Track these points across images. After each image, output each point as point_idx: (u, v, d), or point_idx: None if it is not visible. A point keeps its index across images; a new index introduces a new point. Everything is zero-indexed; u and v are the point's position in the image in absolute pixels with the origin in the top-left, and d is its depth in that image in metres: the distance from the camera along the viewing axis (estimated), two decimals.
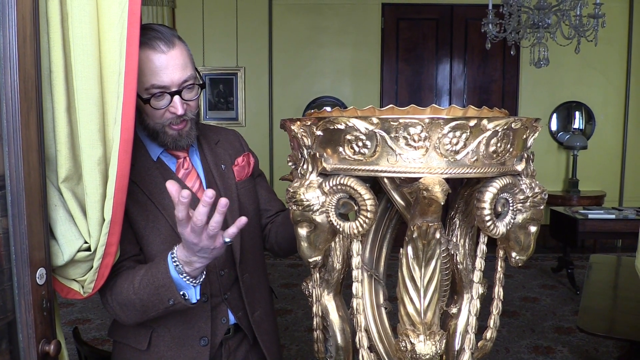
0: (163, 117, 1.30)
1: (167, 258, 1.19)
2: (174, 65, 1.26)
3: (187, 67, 1.29)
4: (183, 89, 1.28)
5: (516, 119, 0.81)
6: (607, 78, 6.19)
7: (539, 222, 0.90)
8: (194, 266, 1.16)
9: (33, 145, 1.00)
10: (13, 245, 0.98)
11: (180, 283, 1.18)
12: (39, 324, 1.03)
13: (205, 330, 1.36)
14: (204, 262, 1.16)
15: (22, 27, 0.96)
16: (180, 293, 1.18)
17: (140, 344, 1.36)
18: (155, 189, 1.34)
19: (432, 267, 0.86)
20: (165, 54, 1.25)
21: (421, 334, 0.86)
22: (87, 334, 3.87)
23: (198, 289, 1.21)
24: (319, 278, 1.10)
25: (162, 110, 1.28)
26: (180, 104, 1.28)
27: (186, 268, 1.17)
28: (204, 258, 1.15)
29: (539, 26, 4.08)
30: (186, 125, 1.33)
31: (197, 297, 1.22)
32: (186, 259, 1.16)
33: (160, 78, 1.25)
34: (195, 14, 5.95)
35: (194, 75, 1.31)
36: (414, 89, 6.23)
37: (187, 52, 1.31)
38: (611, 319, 2.93)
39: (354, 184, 0.83)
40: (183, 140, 1.34)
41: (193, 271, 1.17)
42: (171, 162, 1.40)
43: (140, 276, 1.22)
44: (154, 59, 1.24)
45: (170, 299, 1.19)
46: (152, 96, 1.26)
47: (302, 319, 4.11)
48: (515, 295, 4.62)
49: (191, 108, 1.33)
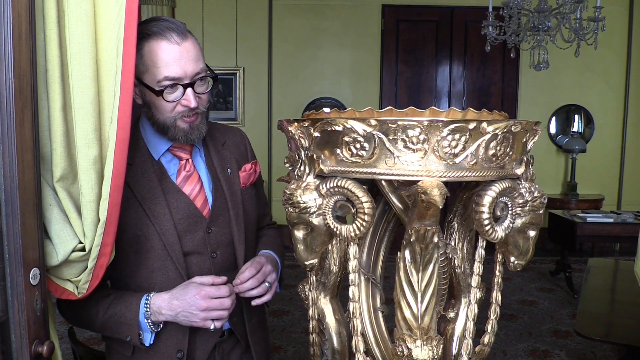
0: (174, 111, 1.27)
1: (140, 301, 1.26)
2: (187, 57, 1.24)
3: (199, 60, 1.27)
4: (195, 82, 1.26)
5: (516, 122, 0.80)
6: (607, 82, 6.20)
7: (538, 227, 0.90)
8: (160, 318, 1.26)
9: (28, 143, 0.99)
10: (6, 245, 0.97)
11: (142, 325, 1.26)
12: (32, 325, 1.02)
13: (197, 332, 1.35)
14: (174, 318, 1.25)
15: (18, 24, 0.95)
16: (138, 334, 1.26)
17: (126, 350, 1.37)
18: (148, 194, 1.31)
19: (429, 271, 0.85)
20: (178, 45, 1.23)
21: (418, 339, 0.85)
22: (83, 333, 3.85)
23: (153, 336, 1.29)
24: (315, 281, 1.09)
25: (173, 103, 1.26)
26: (193, 96, 1.26)
27: (152, 317, 1.25)
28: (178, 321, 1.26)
29: (539, 29, 4.08)
30: (197, 118, 1.31)
31: (150, 342, 1.29)
32: (157, 310, 1.25)
33: (174, 70, 1.23)
34: (195, 14, 5.94)
35: (205, 68, 1.29)
36: (413, 90, 6.22)
37: (198, 45, 1.30)
38: (609, 323, 2.92)
39: (352, 186, 0.82)
40: (194, 134, 1.31)
41: (157, 320, 1.26)
42: (172, 163, 1.37)
43: (107, 305, 1.29)
44: (168, 50, 1.22)
45: (128, 336, 1.26)
46: (165, 88, 1.24)
47: (299, 320, 4.09)
48: (512, 299, 4.61)
49: (203, 101, 1.31)
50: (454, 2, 6.06)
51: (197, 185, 1.37)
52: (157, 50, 1.21)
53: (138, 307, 1.24)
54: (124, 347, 1.36)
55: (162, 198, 1.31)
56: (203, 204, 1.36)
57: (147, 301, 1.25)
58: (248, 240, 1.44)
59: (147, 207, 1.30)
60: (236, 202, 1.40)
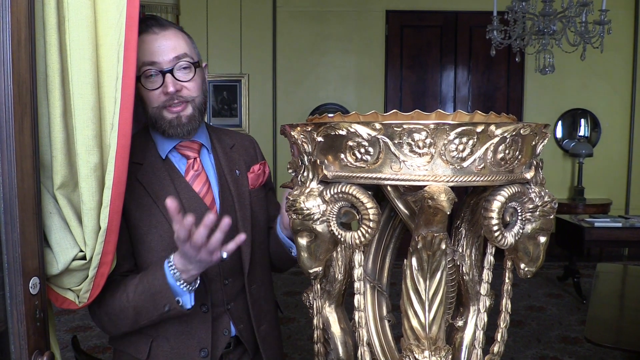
0: (159, 100, 1.28)
1: (163, 265, 1.20)
2: (166, 45, 1.27)
3: (179, 47, 1.28)
4: (175, 68, 1.27)
5: (525, 125, 0.78)
6: (613, 85, 6.16)
7: (548, 232, 0.87)
8: (190, 273, 1.18)
9: (27, 151, 0.98)
10: (5, 254, 0.96)
11: (175, 290, 1.19)
12: (31, 335, 1.00)
13: (205, 341, 1.33)
14: (200, 269, 1.18)
15: (17, 30, 0.94)
16: (175, 299, 1.19)
17: (140, 354, 1.34)
18: (161, 191, 1.31)
19: (437, 279, 0.83)
20: (157, 34, 1.27)
21: (426, 349, 0.82)
22: (87, 341, 3.84)
23: (192, 295, 1.22)
24: (320, 289, 1.07)
25: (156, 92, 1.27)
26: (172, 81, 1.26)
27: (183, 275, 1.18)
28: (200, 267, 1.17)
29: (544, 33, 4.05)
30: (185, 108, 1.30)
31: (191, 303, 1.22)
32: (183, 267, 1.17)
33: (151, 56, 1.26)
34: (200, 21, 5.96)
35: (189, 55, 1.30)
36: (418, 96, 6.20)
37: (182, 36, 1.31)
38: (618, 330, 2.88)
39: (356, 192, 0.80)
40: (183, 127, 1.30)
41: (189, 278, 1.18)
42: (181, 162, 1.37)
43: (135, 284, 1.23)
44: (147, 40, 1.26)
45: (166, 305, 1.19)
46: (142, 74, 1.26)
47: (305, 327, 4.06)
48: (520, 305, 4.57)
49: (190, 91, 1.30)
50: (458, 7, 6.05)
51: (205, 185, 1.36)
52: (140, 43, 1.21)
53: (163, 271, 1.18)
54: (137, 350, 1.33)
55: (175, 195, 1.29)
56: (211, 205, 1.35)
57: (171, 263, 1.18)
58: (255, 242, 1.41)
59: (161, 205, 1.29)
60: (244, 203, 1.39)
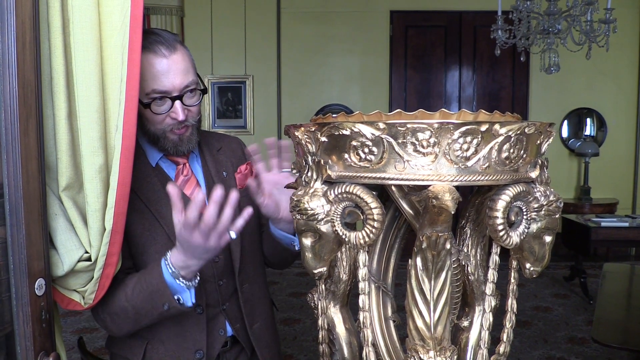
0: (164, 123, 1.28)
1: (160, 264, 1.19)
2: (176, 69, 1.24)
3: (188, 72, 1.27)
4: (184, 94, 1.26)
5: (530, 124, 0.78)
6: (619, 84, 6.12)
7: (554, 232, 0.86)
8: (190, 269, 1.17)
9: (32, 153, 0.98)
10: (11, 255, 0.96)
11: (174, 287, 1.18)
12: (37, 336, 1.00)
13: (200, 343, 1.33)
14: (202, 263, 1.17)
15: (22, 32, 0.94)
16: (174, 297, 1.18)
17: (135, 356, 1.34)
18: (153, 196, 1.31)
19: (442, 279, 0.83)
20: (167, 58, 1.23)
21: (431, 350, 0.82)
22: (94, 343, 3.85)
23: (193, 292, 1.21)
24: (324, 289, 1.07)
25: (162, 115, 1.26)
26: (182, 109, 1.26)
27: (182, 272, 1.17)
28: (202, 259, 1.16)
29: (549, 32, 4.03)
30: (187, 130, 1.31)
31: (192, 300, 1.21)
32: (183, 264, 1.16)
33: (162, 83, 1.23)
34: (204, 23, 5.97)
35: (195, 80, 1.29)
36: (422, 96, 6.19)
37: (188, 57, 1.29)
38: (626, 330, 2.86)
39: (360, 192, 0.80)
40: (184, 146, 1.32)
41: (188, 274, 1.18)
42: (170, 168, 1.38)
43: (133, 283, 1.22)
44: (156, 63, 1.23)
45: (164, 304, 1.18)
46: (152, 101, 1.24)
47: (311, 328, 4.06)
48: (527, 305, 4.55)
49: (192, 114, 1.31)
50: (463, 7, 6.03)
51: (195, 189, 1.37)
52: (145, 63, 1.20)
53: (160, 270, 1.17)
54: (132, 353, 1.33)
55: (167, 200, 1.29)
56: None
57: (167, 262, 1.17)
58: (245, 241, 1.41)
59: (154, 210, 1.30)
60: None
